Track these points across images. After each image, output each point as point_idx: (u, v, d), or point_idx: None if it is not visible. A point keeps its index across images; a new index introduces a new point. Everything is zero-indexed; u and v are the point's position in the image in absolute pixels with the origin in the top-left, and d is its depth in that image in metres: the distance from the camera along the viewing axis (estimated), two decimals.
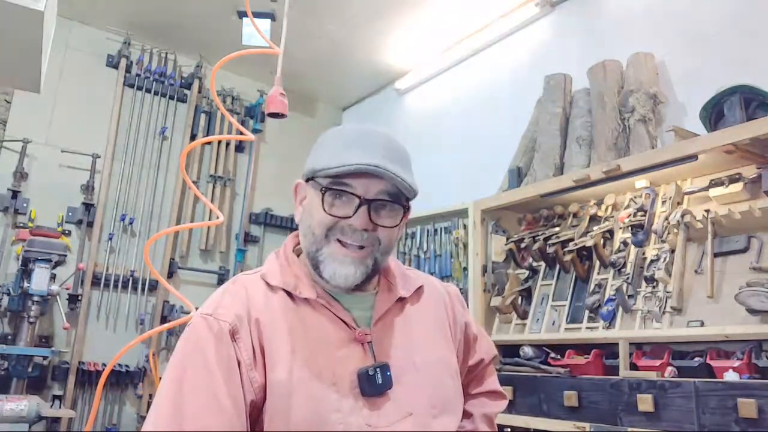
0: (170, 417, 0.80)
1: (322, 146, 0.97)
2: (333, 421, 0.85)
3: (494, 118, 3.42)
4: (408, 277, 1.06)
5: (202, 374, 0.83)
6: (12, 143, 3.49)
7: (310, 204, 0.95)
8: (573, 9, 3.12)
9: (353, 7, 3.47)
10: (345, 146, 0.92)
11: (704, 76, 2.38)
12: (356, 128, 0.97)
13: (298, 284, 0.94)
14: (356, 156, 0.89)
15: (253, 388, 0.85)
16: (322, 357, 0.89)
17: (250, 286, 0.94)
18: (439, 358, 1.00)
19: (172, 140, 4.07)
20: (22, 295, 3.15)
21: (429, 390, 0.95)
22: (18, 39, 1.96)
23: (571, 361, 2.14)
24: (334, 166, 0.89)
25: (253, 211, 4.34)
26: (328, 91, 4.64)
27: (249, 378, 0.85)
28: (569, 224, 2.44)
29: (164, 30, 3.91)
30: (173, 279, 3.96)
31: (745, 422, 1.55)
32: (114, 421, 3.58)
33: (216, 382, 0.82)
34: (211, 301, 0.93)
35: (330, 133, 0.99)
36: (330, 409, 0.85)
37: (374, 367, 0.89)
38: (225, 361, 0.84)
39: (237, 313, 0.89)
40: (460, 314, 1.12)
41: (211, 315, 0.89)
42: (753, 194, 1.87)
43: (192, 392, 0.82)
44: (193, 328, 0.89)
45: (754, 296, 1.65)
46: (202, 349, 0.85)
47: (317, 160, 0.94)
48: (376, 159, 0.89)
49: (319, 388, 0.86)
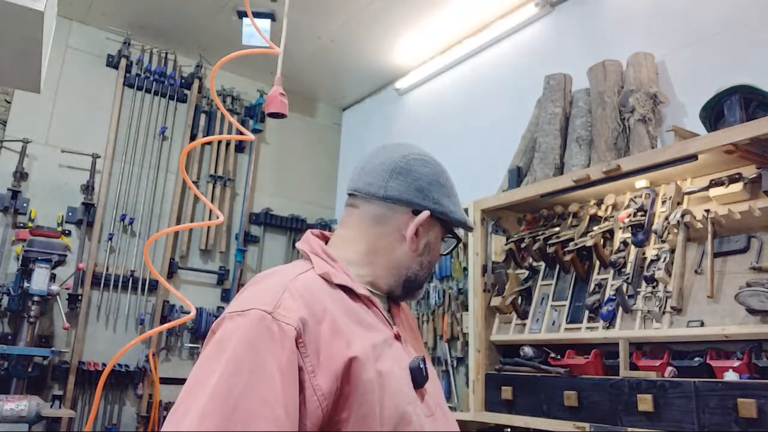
0: (219, 418, 0.72)
1: (444, 185, 1.06)
2: (409, 412, 0.88)
3: (494, 118, 3.42)
4: None
5: (257, 378, 0.75)
6: (12, 143, 3.49)
7: (435, 243, 1.04)
8: (573, 9, 3.12)
9: (353, 7, 3.47)
10: (453, 189, 1.07)
11: (704, 76, 2.38)
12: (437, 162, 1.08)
13: (353, 283, 0.95)
14: (462, 213, 1.07)
15: (316, 395, 0.79)
16: (388, 354, 0.91)
17: (312, 283, 0.90)
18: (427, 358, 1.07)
19: (172, 140, 4.07)
20: (22, 295, 3.15)
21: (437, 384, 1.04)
22: (18, 39, 1.96)
23: (571, 361, 2.14)
24: (465, 221, 1.06)
25: (253, 211, 4.35)
26: (328, 91, 4.64)
27: (312, 386, 0.79)
28: (569, 224, 2.44)
29: (164, 30, 3.91)
30: (173, 279, 3.96)
31: (744, 422, 1.55)
32: (114, 421, 3.58)
33: (271, 388, 0.75)
34: (269, 297, 0.84)
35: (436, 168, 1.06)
36: (406, 401, 0.88)
37: (420, 360, 0.95)
38: (284, 367, 0.78)
39: (301, 315, 0.82)
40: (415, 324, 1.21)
41: (271, 314, 0.80)
42: (753, 194, 1.87)
43: (244, 395, 0.74)
44: (249, 323, 0.80)
45: (754, 296, 1.65)
46: (258, 350, 0.77)
47: (449, 205, 1.04)
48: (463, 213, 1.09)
49: (397, 382, 0.89)
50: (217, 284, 4.12)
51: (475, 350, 2.50)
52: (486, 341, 2.52)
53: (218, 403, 0.73)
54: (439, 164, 1.07)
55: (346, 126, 4.89)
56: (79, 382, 3.45)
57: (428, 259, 1.04)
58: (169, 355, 3.85)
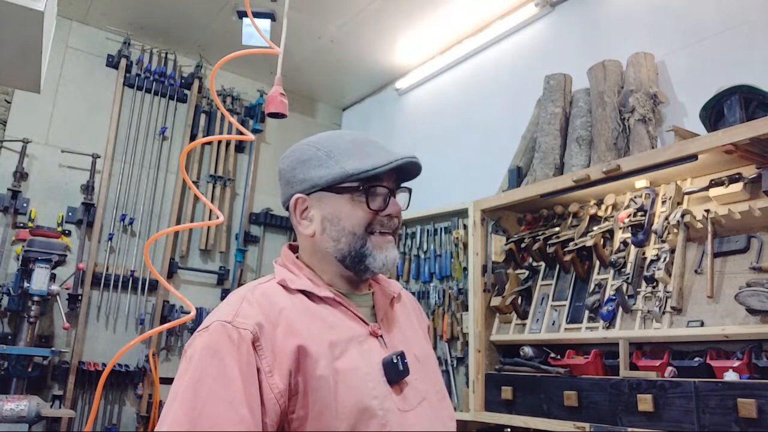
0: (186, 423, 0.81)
1: (309, 159, 1.03)
2: (374, 407, 0.90)
3: (494, 118, 3.42)
4: (387, 281, 1.15)
5: (220, 382, 0.83)
6: (12, 143, 3.49)
7: (337, 211, 1.01)
8: (573, 9, 3.12)
9: (353, 7, 3.47)
10: (362, 148, 1.02)
11: (704, 76, 2.38)
12: (347, 132, 1.08)
13: (314, 286, 1.00)
14: (385, 154, 1.00)
15: (273, 393, 0.86)
16: (353, 351, 0.94)
17: (270, 291, 0.97)
18: (428, 352, 1.11)
19: (172, 140, 4.07)
20: (22, 295, 3.15)
21: (431, 378, 1.05)
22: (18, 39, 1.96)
23: (571, 361, 2.14)
24: (379, 166, 0.98)
25: (253, 211, 4.35)
26: (328, 91, 4.64)
27: (269, 385, 0.86)
28: (569, 224, 2.44)
29: (164, 30, 3.91)
30: (173, 279, 3.96)
31: (744, 422, 1.55)
32: (114, 421, 3.58)
33: (234, 390, 0.83)
34: (229, 308, 0.93)
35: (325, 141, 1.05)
36: (369, 396, 0.91)
37: (396, 355, 0.97)
38: (244, 369, 0.85)
39: (257, 321, 0.90)
40: (424, 320, 1.23)
41: (230, 323, 0.89)
42: (753, 194, 1.87)
43: (209, 399, 0.82)
44: (210, 334, 0.89)
45: (754, 296, 1.65)
46: (220, 356, 0.85)
47: (318, 174, 1.00)
48: (398, 152, 1.01)
49: (359, 378, 0.91)
50: (217, 284, 4.12)
51: (475, 350, 2.50)
52: (486, 341, 2.52)
53: (186, 410, 0.82)
54: (303, 145, 1.07)
55: (346, 126, 4.88)
56: (79, 382, 3.45)
57: (337, 228, 1.00)
58: (169, 355, 3.85)
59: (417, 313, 1.19)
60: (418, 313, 1.20)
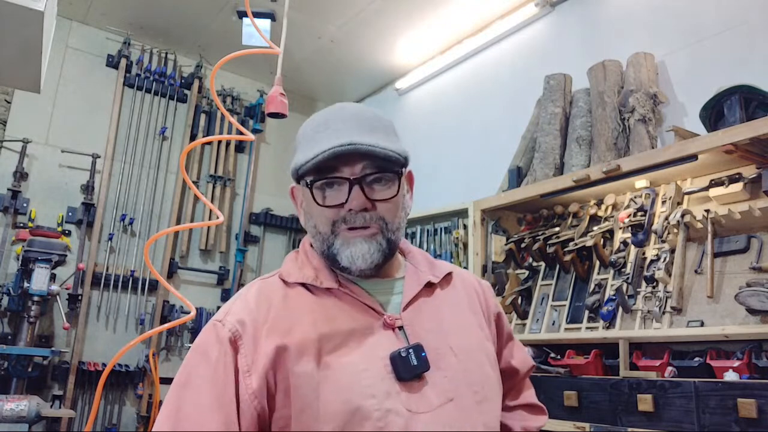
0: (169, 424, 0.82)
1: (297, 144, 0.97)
2: (368, 407, 0.81)
3: (494, 118, 3.42)
4: (435, 264, 1.03)
5: (206, 382, 0.83)
6: (12, 143, 3.49)
7: (308, 205, 0.94)
8: (573, 9, 3.12)
9: (353, 7, 3.47)
10: (315, 135, 0.91)
11: (704, 76, 2.38)
12: (323, 112, 0.97)
13: (319, 275, 0.93)
14: (327, 141, 0.88)
15: (247, 394, 0.83)
16: (352, 345, 0.86)
17: (265, 288, 0.94)
18: (475, 344, 0.96)
19: (172, 140, 4.07)
20: (22, 295, 3.15)
21: (469, 375, 0.91)
22: (18, 39, 1.96)
23: (571, 361, 2.14)
24: (310, 159, 0.88)
25: (253, 211, 4.35)
26: (328, 91, 4.64)
27: (245, 385, 0.83)
28: (569, 224, 2.44)
29: (164, 30, 3.91)
30: (173, 279, 3.96)
31: (744, 422, 1.55)
32: (114, 421, 3.58)
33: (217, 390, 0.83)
34: (226, 307, 0.92)
35: (301, 127, 0.98)
36: (363, 395, 0.82)
37: (406, 349, 0.86)
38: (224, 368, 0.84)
39: (240, 318, 0.87)
40: (493, 305, 1.08)
41: (220, 321, 0.88)
42: (753, 194, 1.87)
43: (192, 399, 0.82)
44: (203, 333, 0.89)
45: (754, 296, 1.65)
46: (208, 356, 0.85)
47: (295, 158, 0.94)
48: (349, 136, 0.87)
49: (351, 375, 0.83)
50: (217, 284, 4.12)
51: None
52: None
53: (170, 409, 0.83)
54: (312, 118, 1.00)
55: None
56: (79, 382, 3.46)
57: (311, 225, 0.95)
58: (169, 355, 3.85)
59: (472, 299, 1.03)
60: (474, 299, 1.04)
